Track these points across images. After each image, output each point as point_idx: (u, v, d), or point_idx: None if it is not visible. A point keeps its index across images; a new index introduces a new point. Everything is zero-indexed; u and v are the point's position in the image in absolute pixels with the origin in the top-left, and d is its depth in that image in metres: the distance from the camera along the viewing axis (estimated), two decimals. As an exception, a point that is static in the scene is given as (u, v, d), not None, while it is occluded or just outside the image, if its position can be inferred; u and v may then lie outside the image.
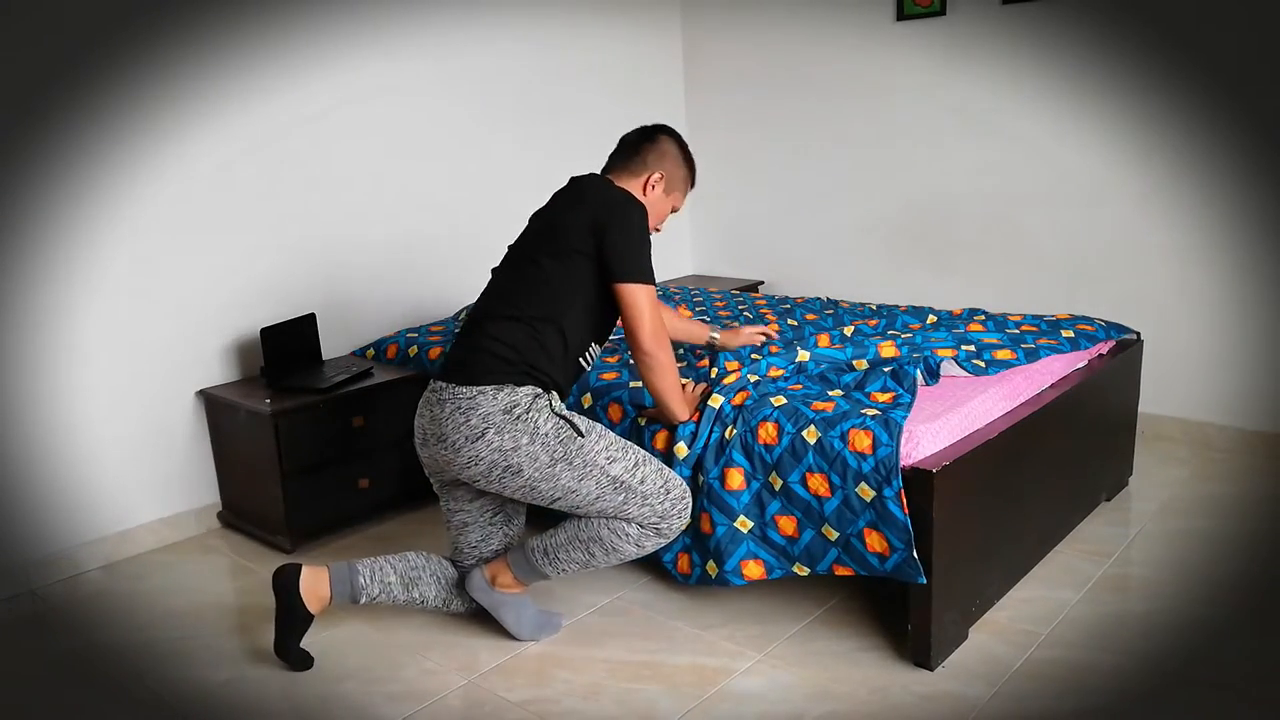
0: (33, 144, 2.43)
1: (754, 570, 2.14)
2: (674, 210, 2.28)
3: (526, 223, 2.22)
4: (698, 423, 2.17)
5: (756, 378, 2.30)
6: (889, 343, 2.41)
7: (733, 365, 2.42)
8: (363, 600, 2.10)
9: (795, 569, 2.11)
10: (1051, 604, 2.23)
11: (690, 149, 2.29)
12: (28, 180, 2.44)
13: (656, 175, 2.19)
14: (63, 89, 2.45)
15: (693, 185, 2.31)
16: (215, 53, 2.72)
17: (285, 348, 2.83)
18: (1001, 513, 2.19)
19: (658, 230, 2.23)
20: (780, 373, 2.34)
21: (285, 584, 2.05)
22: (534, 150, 3.70)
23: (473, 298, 3.50)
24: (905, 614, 2.01)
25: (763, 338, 2.61)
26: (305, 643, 2.14)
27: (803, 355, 2.37)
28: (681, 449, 2.17)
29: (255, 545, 2.76)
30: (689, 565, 2.23)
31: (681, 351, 2.63)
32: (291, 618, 2.06)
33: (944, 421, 2.09)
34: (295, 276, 3.03)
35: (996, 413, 2.23)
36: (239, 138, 2.82)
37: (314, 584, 2.07)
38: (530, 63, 3.64)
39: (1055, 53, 3.23)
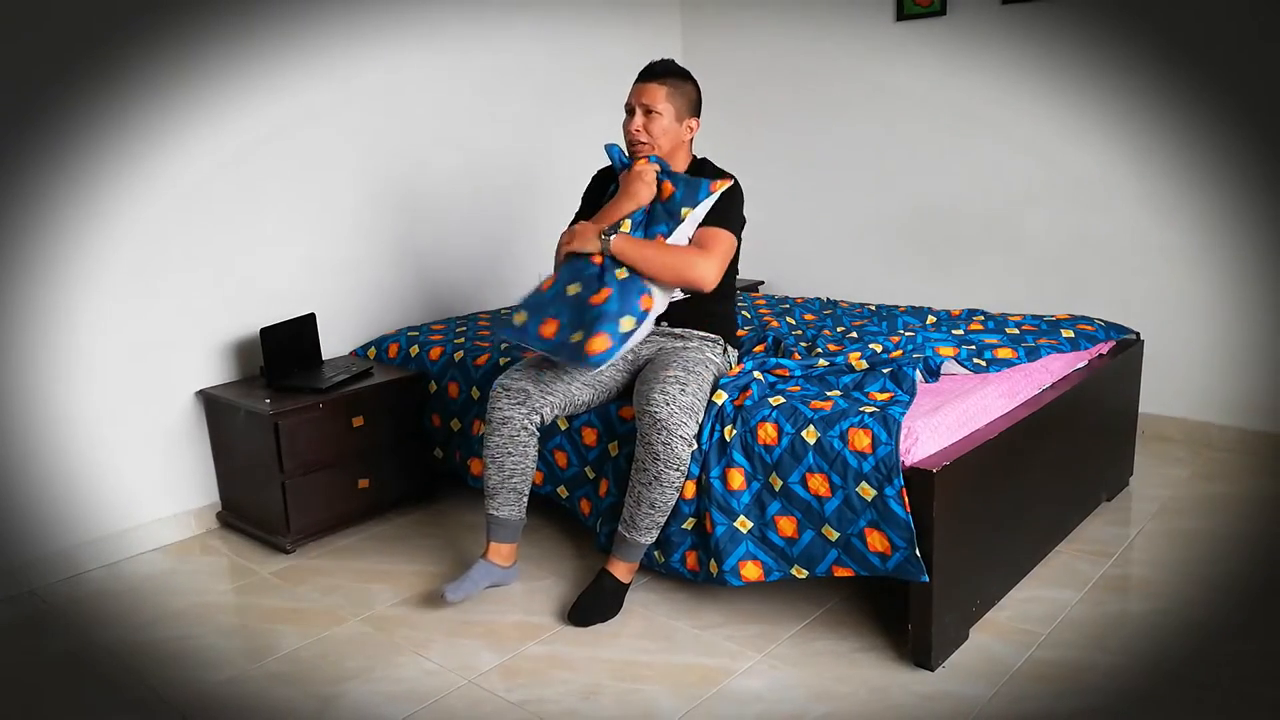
0: (32, 144, 2.43)
1: (752, 571, 2.13)
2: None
3: None
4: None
5: (760, 375, 2.30)
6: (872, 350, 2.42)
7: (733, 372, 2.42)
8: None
9: (794, 571, 2.11)
10: (1051, 604, 2.23)
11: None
12: (27, 180, 2.43)
13: None
14: (62, 87, 2.45)
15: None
16: (216, 51, 2.72)
17: (285, 348, 2.83)
18: (1001, 513, 2.18)
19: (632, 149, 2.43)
20: (785, 373, 2.34)
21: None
22: (533, 150, 3.70)
23: (473, 296, 3.50)
24: (905, 614, 2.01)
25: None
26: (303, 641, 2.16)
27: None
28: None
29: (255, 545, 2.76)
30: (696, 563, 2.23)
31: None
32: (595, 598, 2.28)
33: (943, 415, 2.09)
34: (295, 276, 3.02)
35: (996, 412, 2.23)
36: (238, 136, 2.81)
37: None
38: (529, 62, 3.64)
39: (1055, 53, 3.23)
